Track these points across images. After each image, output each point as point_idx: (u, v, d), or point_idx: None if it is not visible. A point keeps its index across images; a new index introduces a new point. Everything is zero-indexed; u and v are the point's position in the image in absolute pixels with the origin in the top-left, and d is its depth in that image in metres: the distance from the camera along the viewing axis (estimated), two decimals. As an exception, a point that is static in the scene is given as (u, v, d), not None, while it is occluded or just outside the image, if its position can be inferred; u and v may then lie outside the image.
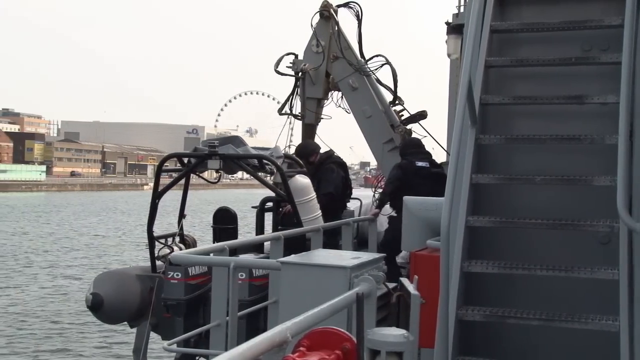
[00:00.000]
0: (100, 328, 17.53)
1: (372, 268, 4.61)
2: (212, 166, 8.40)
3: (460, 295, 4.39)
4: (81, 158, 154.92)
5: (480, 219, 4.54)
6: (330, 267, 4.36)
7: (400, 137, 10.58)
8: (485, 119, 4.91)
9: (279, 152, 9.49)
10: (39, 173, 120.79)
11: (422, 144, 9.73)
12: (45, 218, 54.29)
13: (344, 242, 8.62)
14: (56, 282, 25.31)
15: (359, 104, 10.87)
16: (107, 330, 17.41)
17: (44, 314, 20.01)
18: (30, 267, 28.62)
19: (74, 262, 30.53)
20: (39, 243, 37.15)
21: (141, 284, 8.39)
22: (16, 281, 25.30)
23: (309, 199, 9.11)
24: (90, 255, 32.73)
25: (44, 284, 24.77)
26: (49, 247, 35.39)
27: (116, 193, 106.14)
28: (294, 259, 4.62)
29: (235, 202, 61.35)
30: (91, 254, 33.17)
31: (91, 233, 43.28)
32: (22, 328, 18.44)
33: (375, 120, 10.78)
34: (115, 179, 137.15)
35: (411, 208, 6.70)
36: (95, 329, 17.93)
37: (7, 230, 42.76)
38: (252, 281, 7.34)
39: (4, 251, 33.29)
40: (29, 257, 31.48)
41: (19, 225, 47.05)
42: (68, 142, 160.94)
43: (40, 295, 22.69)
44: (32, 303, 21.39)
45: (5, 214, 56.14)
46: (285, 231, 6.91)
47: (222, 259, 5.35)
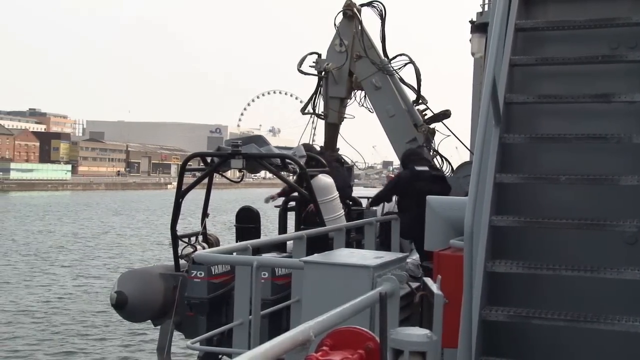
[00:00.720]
0: (124, 326, 17.69)
1: (395, 267, 4.60)
2: (235, 165, 8.44)
3: (483, 295, 4.36)
4: (106, 157, 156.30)
5: (504, 219, 4.51)
6: (353, 266, 4.36)
7: (424, 136, 10.55)
8: (510, 118, 4.87)
9: (302, 151, 9.50)
10: (64, 172, 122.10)
11: (422, 153, 10.14)
12: (70, 217, 54.84)
13: (367, 241, 8.62)
14: (80, 280, 25.56)
15: (382, 103, 10.86)
16: (131, 328, 17.56)
17: (68, 312, 20.22)
18: (54, 266, 28.95)
19: (98, 260, 30.82)
20: (64, 242, 37.56)
21: (165, 283, 8.45)
22: (41, 279, 25.60)
23: (331, 198, 9.11)
24: (114, 254, 33.02)
25: (68, 283, 25.03)
26: (74, 246, 35.75)
27: (140, 192, 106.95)
28: (316, 258, 4.62)
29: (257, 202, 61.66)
30: (115, 252, 33.47)
31: (115, 232, 43.66)
32: (46, 326, 18.65)
33: (398, 119, 10.76)
34: (139, 178, 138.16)
35: (434, 207, 6.68)
36: (119, 327, 18.09)
37: (32, 229, 43.26)
38: (275, 280, 7.35)
39: (30, 250, 33.70)
40: (53, 256, 31.83)
41: (45, 224, 47.60)
42: (93, 141, 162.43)
43: (65, 293, 22.93)
44: (57, 301, 21.62)
45: (32, 213, 56.81)
46: (308, 230, 6.92)
47: (245, 258, 5.36)
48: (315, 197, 8.52)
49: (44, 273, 27.11)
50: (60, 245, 36.08)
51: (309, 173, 8.76)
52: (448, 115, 11.10)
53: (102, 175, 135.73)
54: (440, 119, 11.05)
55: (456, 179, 10.19)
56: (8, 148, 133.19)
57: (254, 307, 5.14)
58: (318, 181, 8.98)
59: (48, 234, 41.61)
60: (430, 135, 10.72)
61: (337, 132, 11.49)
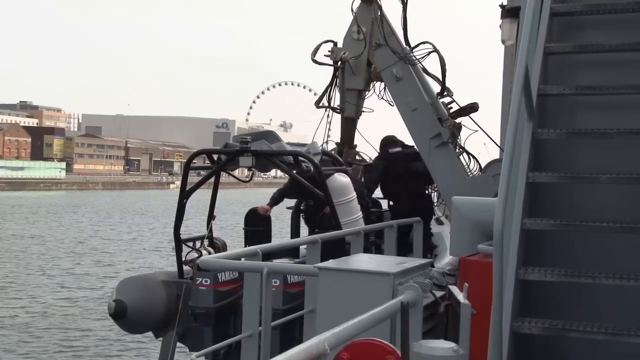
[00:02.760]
0: (123, 338, 17.78)
1: (418, 274, 4.59)
2: (244, 163, 8.47)
3: (515, 306, 4.35)
4: (103, 154, 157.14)
5: (538, 222, 4.49)
6: (372, 273, 4.36)
7: (449, 131, 10.52)
8: (544, 112, 4.85)
9: (316, 148, 9.51)
10: (58, 170, 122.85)
11: (396, 139, 11.17)
12: (65, 219, 55.16)
13: (387, 246, 8.62)
14: (76, 288, 25.71)
15: (403, 95, 10.84)
16: (131, 340, 17.65)
17: (64, 322, 20.34)
18: (49, 272, 29.14)
19: (96, 266, 30.99)
20: (59, 246, 37.79)
21: (167, 291, 8.48)
22: (35, 287, 25.77)
23: (348, 199, 9.12)
24: (113, 259, 33.20)
25: (63, 290, 25.19)
26: (69, 251, 35.98)
27: (140, 192, 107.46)
28: (332, 264, 4.62)
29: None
30: (114, 258, 33.65)
31: (114, 235, 43.89)
32: (40, 336, 18.77)
33: (421, 113, 10.73)
34: (139, 177, 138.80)
35: (460, 209, 6.66)
36: (118, 339, 18.19)
37: (24, 233, 43.54)
38: (287, 288, 7.37)
39: (22, 255, 33.92)
40: (47, 262, 32.04)
41: (38, 227, 47.91)
42: (89, 137, 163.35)
43: (60, 302, 23.07)
44: (51, 311, 21.76)
45: (23, 215, 57.18)
46: (322, 234, 6.93)
47: (254, 264, 5.38)
48: (330, 198, 8.53)
49: (37, 280, 27.29)
50: (56, 249, 36.30)
51: (324, 172, 8.77)
52: (476, 109, 11.06)
53: (99, 174, 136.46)
54: (467, 112, 11.02)
55: (485, 178, 10.17)
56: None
57: (264, 317, 5.15)
58: (334, 181, 8.98)
59: (41, 237, 41.87)
60: (456, 131, 10.69)
61: (355, 127, 11.48)
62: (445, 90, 10.93)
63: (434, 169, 10.61)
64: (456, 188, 9.83)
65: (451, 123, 10.69)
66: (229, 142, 9.02)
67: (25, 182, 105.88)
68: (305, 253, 6.52)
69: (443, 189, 10.77)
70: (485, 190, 9.61)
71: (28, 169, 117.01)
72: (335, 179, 9.05)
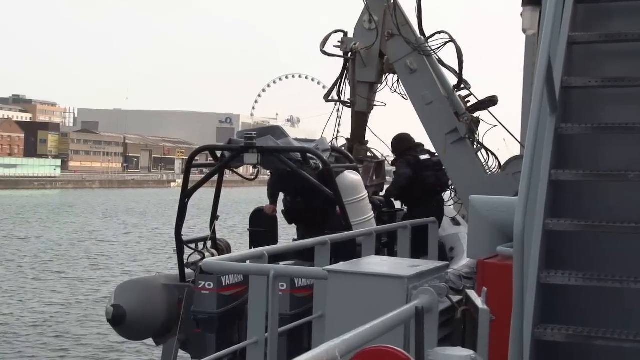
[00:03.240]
0: (122, 345, 17.83)
1: (434, 278, 4.59)
2: (249, 161, 8.49)
3: (537, 311, 4.34)
4: (100, 151, 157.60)
5: (561, 222, 4.48)
6: (384, 276, 4.36)
7: (466, 126, 10.50)
8: (568, 105, 4.84)
9: (325, 144, 9.52)
10: (53, 168, 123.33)
11: (412, 139, 11.14)
12: (61, 219, 55.36)
13: (400, 248, 8.62)
14: (72, 292, 25.78)
15: (417, 88, 10.82)
16: (130, 347, 17.69)
17: (57, 329, 20.40)
18: (43, 276, 29.23)
19: (93, 269, 31.09)
20: (54, 248, 37.92)
21: (168, 295, 8.51)
22: (29, 291, 25.84)
23: (359, 198, 9.13)
24: (109, 262, 33.29)
25: (58, 295, 25.26)
26: (65, 253, 36.10)
27: (140, 191, 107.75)
28: (342, 267, 4.62)
29: (274, 202, 61.28)
30: (111, 260, 33.74)
31: (111, 237, 44.01)
32: (33, 345, 18.82)
33: (436, 107, 10.72)
34: (138, 175, 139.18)
35: (478, 209, 6.66)
36: (116, 346, 18.23)
37: (18, 235, 43.69)
38: (295, 292, 7.38)
39: (14, 258, 34.02)
40: (42, 265, 32.15)
41: (32, 228, 48.08)
42: (86, 132, 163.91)
43: (53, 308, 23.11)
44: (44, 317, 21.80)
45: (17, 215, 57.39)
46: (332, 235, 6.93)
47: (260, 266, 5.39)
48: (340, 197, 8.54)
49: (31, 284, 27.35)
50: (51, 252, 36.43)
51: (335, 170, 8.77)
52: (495, 102, 11.04)
53: (96, 172, 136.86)
54: (486, 106, 10.99)
55: (505, 176, 10.15)
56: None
57: (271, 323, 5.16)
58: (344, 179, 8.99)
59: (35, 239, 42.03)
60: (474, 126, 10.66)
61: (366, 122, 11.48)
62: (462, 83, 10.90)
63: (450, 167, 10.60)
64: (474, 187, 9.81)
65: (468, 117, 10.67)
66: (233, 138, 9.04)
67: (18, 180, 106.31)
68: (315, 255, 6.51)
69: (460, 187, 10.76)
70: (504, 189, 9.59)
71: (21, 166, 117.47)
72: (346, 177, 9.06)
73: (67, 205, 71.45)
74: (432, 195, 10.69)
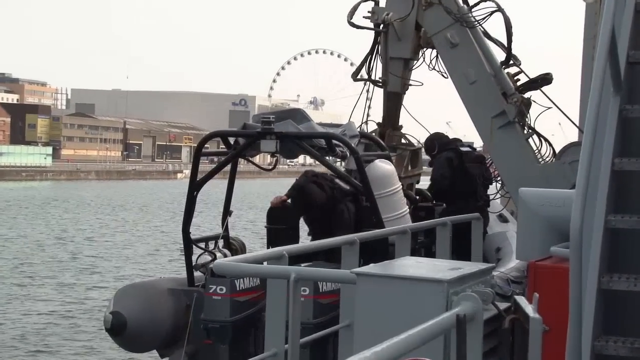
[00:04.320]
0: (122, 357, 17.95)
1: (477, 282, 4.60)
2: (267, 148, 8.51)
3: (597, 321, 4.33)
4: (97, 137, 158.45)
5: (625, 219, 4.46)
6: (421, 280, 4.37)
7: (515, 109, 10.47)
8: (634, 84, 4.81)
9: (353, 129, 9.52)
10: (43, 157, 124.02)
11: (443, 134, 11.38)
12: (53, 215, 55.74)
13: (439, 247, 8.62)
14: (67, 297, 25.93)
15: (459, 65, 10.80)
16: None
17: (50, 340, 20.54)
18: (35, 279, 29.43)
19: (90, 271, 31.31)
20: (46, 247, 38.21)
21: (175, 301, 8.56)
22: (19, 296, 26.01)
23: (392, 191, 9.14)
24: (107, 264, 33.47)
25: (52, 300, 25.42)
26: (58, 254, 36.35)
27: (142, 183, 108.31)
28: (373, 269, 4.64)
29: (295, 196, 61.22)
30: (109, 263, 33.92)
31: (109, 236, 44.27)
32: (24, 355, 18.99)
33: (481, 86, 10.69)
34: (140, 165, 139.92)
35: (529, 203, 6.64)
36: (116, 358, 18.37)
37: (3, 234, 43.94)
38: (319, 298, 7.41)
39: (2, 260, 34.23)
40: (32, 266, 32.39)
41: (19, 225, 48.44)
42: (80, 116, 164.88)
43: (44, 318, 23.22)
44: (39, 325, 21.96)
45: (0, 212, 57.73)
46: (361, 233, 6.94)
47: (279, 268, 5.41)
48: (370, 189, 8.54)
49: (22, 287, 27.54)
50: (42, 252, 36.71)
51: (364, 159, 8.77)
52: (549, 81, 10.99)
53: (92, 161, 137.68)
54: (539, 85, 10.95)
55: (560, 166, 10.12)
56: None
57: (292, 333, 5.18)
58: (375, 169, 9.00)
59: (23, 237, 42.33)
60: (524, 108, 10.63)
61: (400, 104, 11.47)
62: (512, 59, 10.86)
63: (496, 155, 10.58)
64: (524, 178, 9.79)
65: (518, 98, 10.63)
66: (248, 123, 9.07)
67: (3, 170, 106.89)
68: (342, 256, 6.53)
69: (508, 179, 10.73)
70: (560, 180, 9.56)
71: (7, 154, 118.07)
72: (377, 167, 9.06)
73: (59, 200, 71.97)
74: (475, 189, 10.65)
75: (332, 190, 8.95)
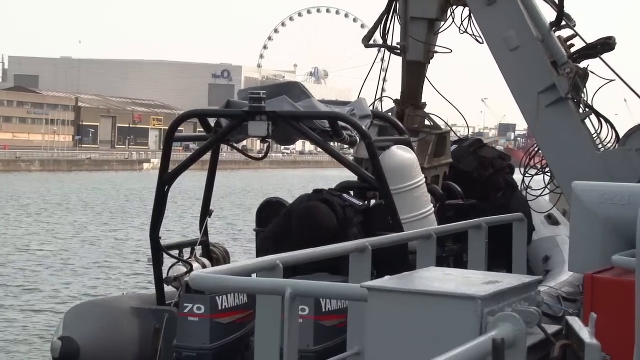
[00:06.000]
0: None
1: (520, 299, 4.61)
2: (256, 132, 8.52)
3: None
4: (41, 117, 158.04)
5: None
6: (449, 296, 4.39)
7: (568, 81, 10.48)
8: None
9: (364, 108, 9.53)
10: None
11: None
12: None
13: (472, 256, 8.63)
14: (5, 322, 25.92)
15: (498, 27, 10.80)
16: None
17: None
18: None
19: (33, 287, 31.29)
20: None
21: (140, 323, 8.59)
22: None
23: (413, 185, 9.15)
24: (57, 278, 33.41)
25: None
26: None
27: (99, 175, 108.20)
28: (388, 283, 4.66)
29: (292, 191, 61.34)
30: (59, 276, 33.86)
31: (58, 241, 44.21)
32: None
33: (525, 54, 10.70)
34: (97, 153, 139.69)
35: (585, 201, 6.65)
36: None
37: None
38: (321, 319, 7.43)
39: None
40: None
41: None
42: (20, 91, 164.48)
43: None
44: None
45: None
46: (374, 238, 6.96)
47: (272, 282, 5.43)
48: (386, 183, 8.55)
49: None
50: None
51: (378, 145, 8.79)
52: (611, 46, 10.98)
53: (35, 147, 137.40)
54: (598, 52, 10.95)
55: (624, 153, 10.11)
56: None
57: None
58: (392, 158, 9.01)
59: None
60: (579, 80, 10.64)
61: (423, 77, 11.48)
62: (564, 19, 10.87)
63: (544, 140, 10.59)
64: (579, 168, 9.81)
65: (572, 68, 10.64)
66: (232, 100, 9.07)
67: None
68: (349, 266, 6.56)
69: (558, 169, 10.73)
70: (624, 171, 9.56)
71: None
72: (394, 155, 9.08)
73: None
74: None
75: (344, 210, 8.81)
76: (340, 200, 8.87)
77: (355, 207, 8.88)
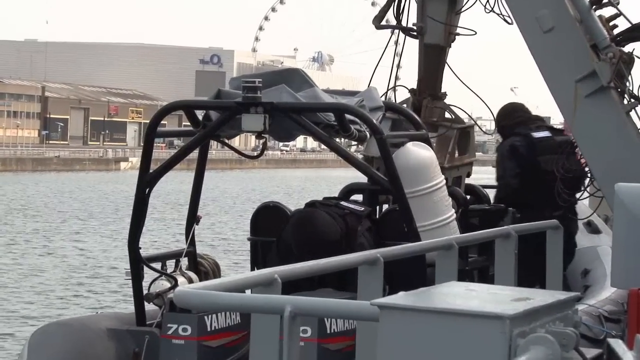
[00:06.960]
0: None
1: (555, 319, 4.63)
2: (251, 126, 8.55)
3: None
4: (3, 110, 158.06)
5: None
6: (473, 315, 4.41)
7: (611, 68, 10.50)
8: None
9: (375, 99, 9.55)
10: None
11: (527, 110, 11.90)
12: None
13: (499, 269, 8.66)
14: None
15: (530, 5, 10.83)
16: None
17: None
18: None
19: None
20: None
21: (117, 346, 8.61)
22: None
23: (431, 187, 9.18)
24: (19, 297, 33.47)
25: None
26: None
27: (69, 175, 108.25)
28: (403, 300, 4.68)
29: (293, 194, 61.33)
30: (21, 294, 33.90)
31: (19, 253, 44.25)
32: None
33: (561, 36, 10.72)
34: (67, 150, 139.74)
35: (631, 205, 6.67)
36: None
37: None
38: (325, 342, 7.46)
39: None
40: None
41: None
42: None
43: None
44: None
45: None
46: (386, 249, 6.98)
47: (269, 299, 5.45)
48: (400, 186, 8.57)
49: None
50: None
51: (391, 141, 8.81)
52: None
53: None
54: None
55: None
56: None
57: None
58: (407, 156, 9.03)
59: None
60: (624, 67, 10.66)
61: (443, 63, 11.50)
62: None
63: (583, 135, 10.60)
64: (624, 168, 9.82)
65: (615, 53, 10.66)
66: (223, 90, 9.10)
67: None
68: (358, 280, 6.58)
69: (600, 170, 10.75)
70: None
71: None
72: (410, 153, 9.10)
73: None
74: (551, 189, 10.68)
75: (344, 219, 8.83)
76: (337, 209, 8.89)
77: (357, 214, 8.89)
